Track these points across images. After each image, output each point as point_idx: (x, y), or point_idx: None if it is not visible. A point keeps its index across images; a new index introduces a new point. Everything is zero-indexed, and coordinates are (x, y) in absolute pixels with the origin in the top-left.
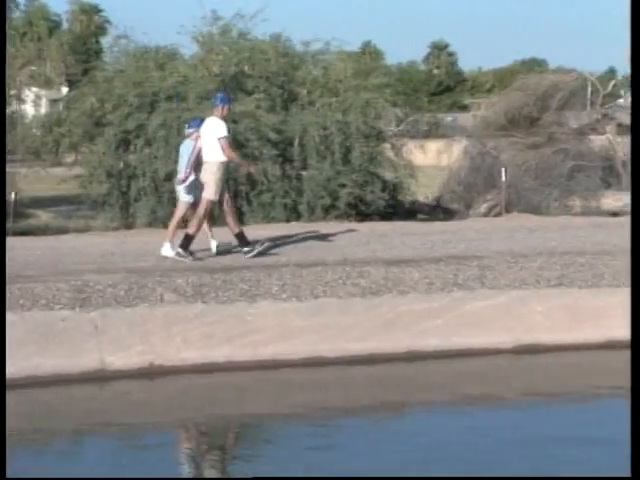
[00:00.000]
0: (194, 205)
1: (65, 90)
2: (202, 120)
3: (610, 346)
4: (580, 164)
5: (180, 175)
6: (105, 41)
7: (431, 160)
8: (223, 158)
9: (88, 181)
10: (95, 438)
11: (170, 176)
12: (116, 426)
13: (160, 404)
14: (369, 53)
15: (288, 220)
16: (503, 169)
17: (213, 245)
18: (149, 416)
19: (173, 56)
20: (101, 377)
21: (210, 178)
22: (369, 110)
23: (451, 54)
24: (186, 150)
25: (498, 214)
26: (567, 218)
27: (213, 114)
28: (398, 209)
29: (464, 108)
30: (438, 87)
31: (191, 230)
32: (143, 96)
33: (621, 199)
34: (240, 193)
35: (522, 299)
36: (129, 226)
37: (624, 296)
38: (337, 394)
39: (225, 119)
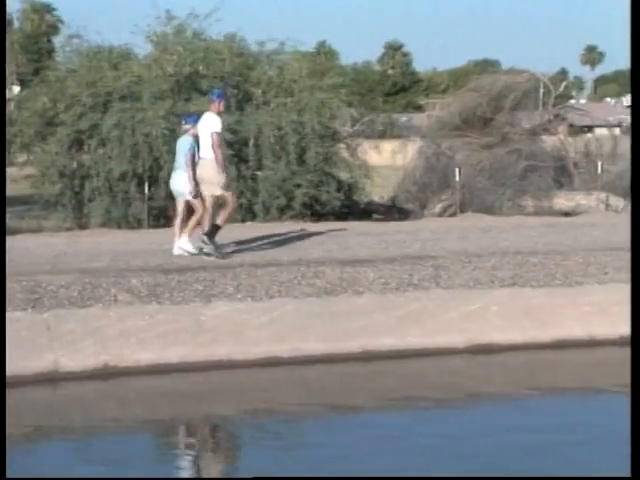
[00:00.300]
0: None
1: (17, 90)
2: (198, 116)
3: (562, 345)
4: (533, 164)
5: (190, 189)
6: (57, 40)
7: (386, 160)
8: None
9: (40, 181)
10: (47, 440)
11: (124, 176)
12: (69, 427)
13: (114, 405)
14: (324, 53)
15: (243, 220)
16: (457, 169)
17: (178, 245)
18: (103, 417)
19: (127, 56)
20: (54, 378)
21: (212, 175)
22: (324, 110)
23: (406, 54)
24: (182, 146)
25: (453, 214)
26: (520, 218)
27: (210, 109)
28: (353, 209)
29: (419, 108)
30: (393, 87)
31: (220, 221)
32: (96, 96)
33: (573, 199)
34: None
35: (476, 299)
36: (82, 226)
37: (575, 296)
38: (292, 394)
39: (221, 114)
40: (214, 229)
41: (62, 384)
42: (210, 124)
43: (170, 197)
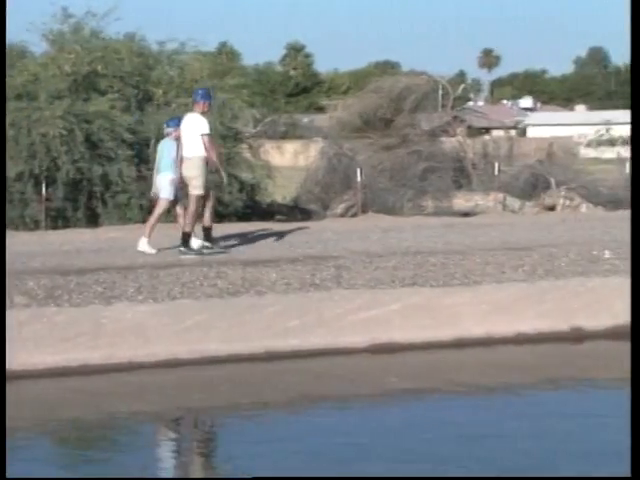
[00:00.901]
0: (173, 202)
1: None
2: (180, 119)
3: (461, 344)
4: (432, 165)
5: (172, 177)
6: None
7: (288, 161)
8: (204, 153)
9: None
10: None
11: (21, 176)
12: None
13: (10, 409)
14: (225, 54)
15: (144, 221)
16: (359, 170)
17: (143, 242)
18: None
19: (22, 54)
20: None
21: (195, 174)
22: (226, 111)
23: (308, 56)
24: (166, 149)
25: (354, 214)
26: (420, 218)
27: (194, 110)
28: (256, 210)
29: (321, 109)
30: (295, 88)
31: (187, 228)
32: None
33: (471, 199)
34: (95, 194)
35: (378, 298)
36: None
37: (474, 295)
38: (194, 395)
39: (206, 115)
40: (186, 237)
41: None
42: (197, 125)
43: (67, 198)
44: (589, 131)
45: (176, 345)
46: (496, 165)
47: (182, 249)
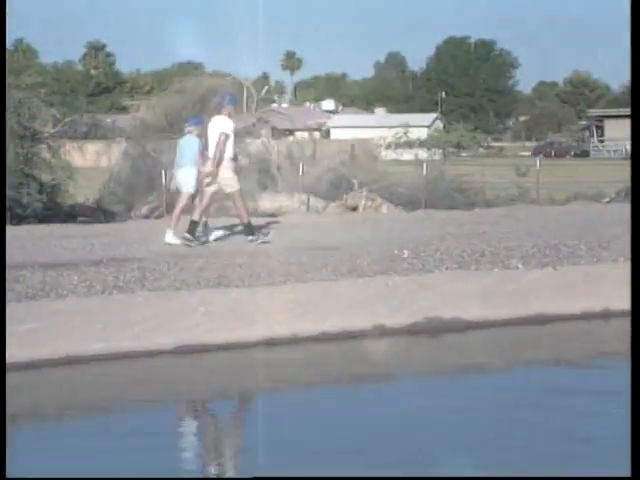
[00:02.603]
0: (193, 196)
1: None
2: (200, 118)
3: (267, 344)
4: (237, 166)
5: (195, 171)
6: None
7: (90, 162)
8: (230, 154)
9: None
10: None
11: None
12: None
13: None
14: (22, 51)
15: None
16: (163, 171)
17: (169, 235)
18: None
19: None
20: None
21: (227, 175)
22: (23, 110)
23: (109, 55)
24: (187, 145)
25: (160, 216)
26: (226, 219)
27: (221, 113)
28: (57, 212)
29: (123, 109)
30: (96, 88)
31: (195, 217)
32: None
33: (277, 200)
34: None
35: (183, 300)
36: None
37: (279, 294)
38: None
39: (231, 117)
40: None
41: None
42: (222, 126)
43: None
44: (388, 133)
45: None
46: (300, 166)
47: (187, 235)
